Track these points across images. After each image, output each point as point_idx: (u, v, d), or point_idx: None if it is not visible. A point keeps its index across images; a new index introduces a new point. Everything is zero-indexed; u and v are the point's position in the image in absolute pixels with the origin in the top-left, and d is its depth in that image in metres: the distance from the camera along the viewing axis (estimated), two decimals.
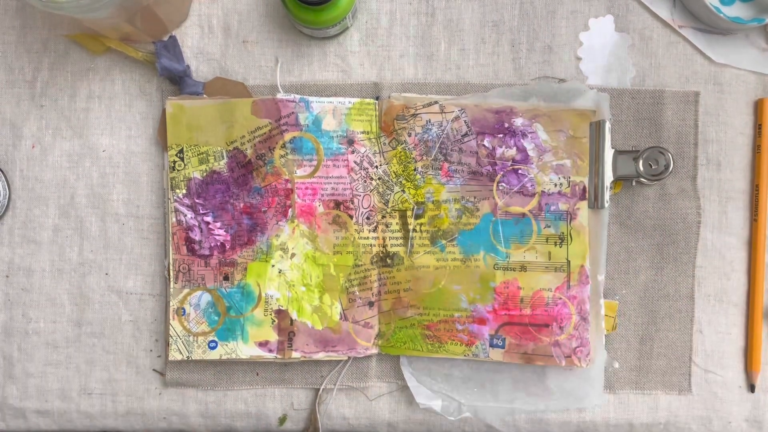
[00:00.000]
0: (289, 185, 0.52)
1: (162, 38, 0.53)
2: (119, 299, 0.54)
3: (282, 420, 0.54)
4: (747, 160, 0.54)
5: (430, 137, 0.52)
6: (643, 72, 0.54)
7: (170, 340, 0.52)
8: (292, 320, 0.52)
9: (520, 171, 0.52)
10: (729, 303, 0.54)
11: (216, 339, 0.52)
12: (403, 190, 0.52)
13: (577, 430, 0.54)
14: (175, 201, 0.52)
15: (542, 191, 0.52)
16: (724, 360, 0.54)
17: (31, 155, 0.54)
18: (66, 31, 0.54)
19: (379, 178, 0.52)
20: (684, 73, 0.54)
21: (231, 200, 0.52)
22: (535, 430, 0.54)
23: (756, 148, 0.54)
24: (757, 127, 0.54)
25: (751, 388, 0.54)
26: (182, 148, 0.52)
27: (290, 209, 0.52)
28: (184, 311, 0.52)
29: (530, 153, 0.52)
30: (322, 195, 0.52)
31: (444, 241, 0.52)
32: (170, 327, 0.52)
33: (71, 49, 0.54)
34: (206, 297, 0.52)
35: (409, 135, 0.52)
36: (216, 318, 0.52)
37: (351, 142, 0.52)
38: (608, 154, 0.51)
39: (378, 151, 0.52)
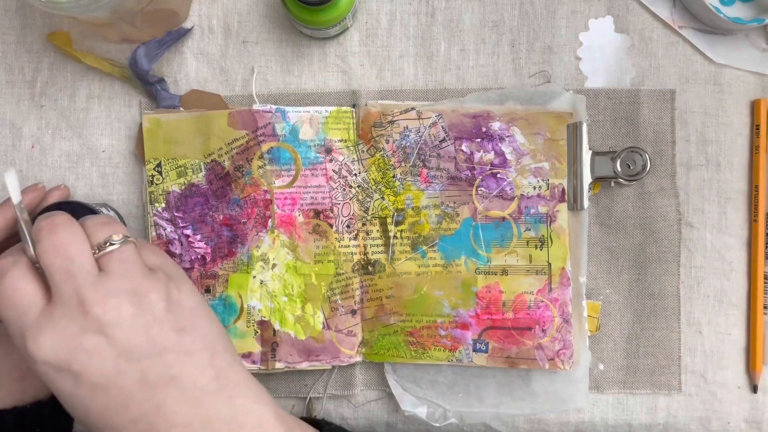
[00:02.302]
0: (268, 196, 0.52)
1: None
2: None
3: None
4: (746, 160, 0.54)
5: (408, 144, 0.52)
6: (642, 72, 0.54)
7: None
8: (275, 331, 0.52)
9: (498, 175, 0.52)
10: (729, 303, 0.54)
11: None
12: (383, 198, 0.52)
13: (575, 430, 0.54)
14: (155, 215, 0.52)
15: (521, 194, 0.52)
16: (724, 360, 0.54)
17: (30, 155, 0.54)
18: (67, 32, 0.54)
19: (358, 186, 0.52)
20: (684, 74, 0.54)
21: (210, 212, 0.52)
22: (533, 430, 0.54)
23: (754, 149, 0.54)
24: (755, 128, 0.54)
25: (754, 388, 0.54)
26: (160, 162, 0.52)
27: (270, 220, 0.52)
28: None
29: (508, 157, 0.52)
30: (302, 204, 0.52)
31: (425, 247, 0.52)
32: None
33: None
34: None
35: (387, 142, 0.52)
36: None
37: (329, 150, 0.52)
38: (586, 155, 0.51)
39: (356, 159, 0.52)
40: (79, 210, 0.48)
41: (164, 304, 0.35)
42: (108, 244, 0.36)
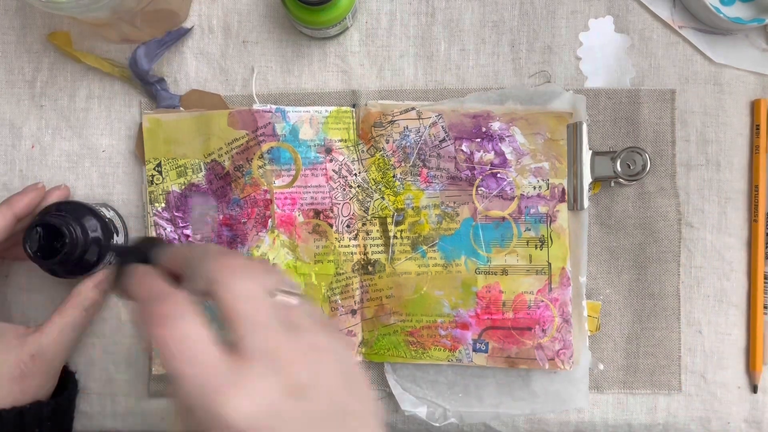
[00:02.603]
0: (268, 196, 0.52)
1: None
2: (119, 299, 0.54)
3: None
4: (746, 160, 0.54)
5: (408, 143, 0.52)
6: (642, 72, 0.53)
7: (153, 354, 0.52)
8: None
9: (498, 175, 0.52)
10: (729, 303, 0.54)
11: None
12: (383, 197, 0.52)
13: (575, 430, 0.54)
14: (155, 215, 0.52)
15: (521, 194, 0.52)
16: (724, 360, 0.54)
17: (30, 155, 0.54)
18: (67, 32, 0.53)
19: (358, 186, 0.52)
20: (684, 74, 0.54)
21: (210, 212, 0.52)
22: (533, 430, 0.54)
23: (754, 149, 0.54)
24: (755, 128, 0.54)
25: (754, 388, 0.54)
26: (160, 162, 0.52)
27: (270, 220, 0.52)
28: None
29: (508, 156, 0.52)
30: (302, 204, 0.52)
31: (425, 247, 0.52)
32: None
33: None
34: None
35: (387, 142, 0.52)
36: None
37: (329, 150, 0.52)
38: (586, 155, 0.51)
39: (356, 159, 0.52)
40: (79, 210, 0.48)
41: (341, 366, 0.33)
42: (282, 294, 0.32)
